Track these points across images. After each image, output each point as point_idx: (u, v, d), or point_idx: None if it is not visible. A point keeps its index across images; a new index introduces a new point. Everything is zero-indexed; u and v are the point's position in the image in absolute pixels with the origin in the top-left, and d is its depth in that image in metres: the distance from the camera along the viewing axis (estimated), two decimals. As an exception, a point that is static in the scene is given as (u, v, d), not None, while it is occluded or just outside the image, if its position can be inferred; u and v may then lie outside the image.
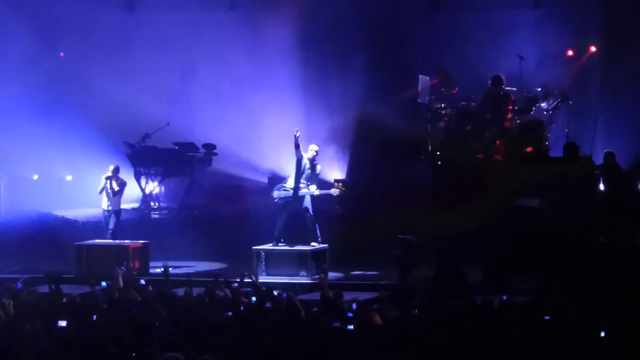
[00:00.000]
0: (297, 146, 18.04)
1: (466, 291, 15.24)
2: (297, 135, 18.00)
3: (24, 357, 10.72)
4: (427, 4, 24.97)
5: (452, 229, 19.48)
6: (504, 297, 13.20)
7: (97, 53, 24.54)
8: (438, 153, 21.50)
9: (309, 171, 18.37)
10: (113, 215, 19.84)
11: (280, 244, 18.45)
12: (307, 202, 18.37)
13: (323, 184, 19.52)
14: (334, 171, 24.11)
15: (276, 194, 18.45)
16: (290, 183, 18.40)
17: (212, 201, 23.61)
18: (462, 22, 24.18)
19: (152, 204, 23.13)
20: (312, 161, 18.40)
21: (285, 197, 18.36)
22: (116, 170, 19.92)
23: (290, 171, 18.61)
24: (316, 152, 18.45)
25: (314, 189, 18.33)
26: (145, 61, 24.87)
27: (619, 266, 15.73)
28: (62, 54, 25.04)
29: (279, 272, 18.05)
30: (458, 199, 20.21)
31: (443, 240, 18.12)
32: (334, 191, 18.39)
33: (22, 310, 12.86)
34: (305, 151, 18.37)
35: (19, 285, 15.16)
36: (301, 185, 18.33)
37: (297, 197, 18.30)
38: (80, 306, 13.46)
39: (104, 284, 14.93)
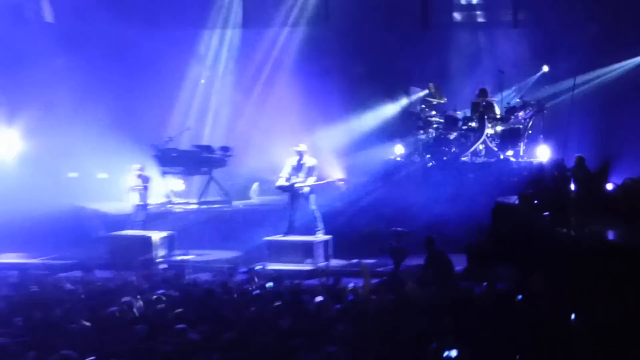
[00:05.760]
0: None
1: (451, 279, 15.62)
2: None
3: None
4: (418, 22, 25.24)
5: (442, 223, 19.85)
6: (484, 285, 13.53)
7: (130, 68, 24.92)
8: (428, 156, 21.83)
9: (302, 167, 18.84)
10: (141, 209, 20.28)
11: (290, 235, 18.86)
12: (307, 196, 18.78)
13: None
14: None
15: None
16: (286, 180, 18.85)
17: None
18: (449, 39, 24.49)
19: (175, 199, 23.43)
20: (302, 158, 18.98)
21: (289, 191, 18.82)
22: (141, 169, 20.40)
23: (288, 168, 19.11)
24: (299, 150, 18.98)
25: (310, 182, 18.76)
26: (170, 74, 25.33)
27: (586, 258, 15.92)
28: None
29: (287, 259, 18.44)
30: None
31: (433, 232, 18.41)
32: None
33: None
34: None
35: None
36: (298, 179, 18.76)
37: (295, 192, 18.76)
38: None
39: None
